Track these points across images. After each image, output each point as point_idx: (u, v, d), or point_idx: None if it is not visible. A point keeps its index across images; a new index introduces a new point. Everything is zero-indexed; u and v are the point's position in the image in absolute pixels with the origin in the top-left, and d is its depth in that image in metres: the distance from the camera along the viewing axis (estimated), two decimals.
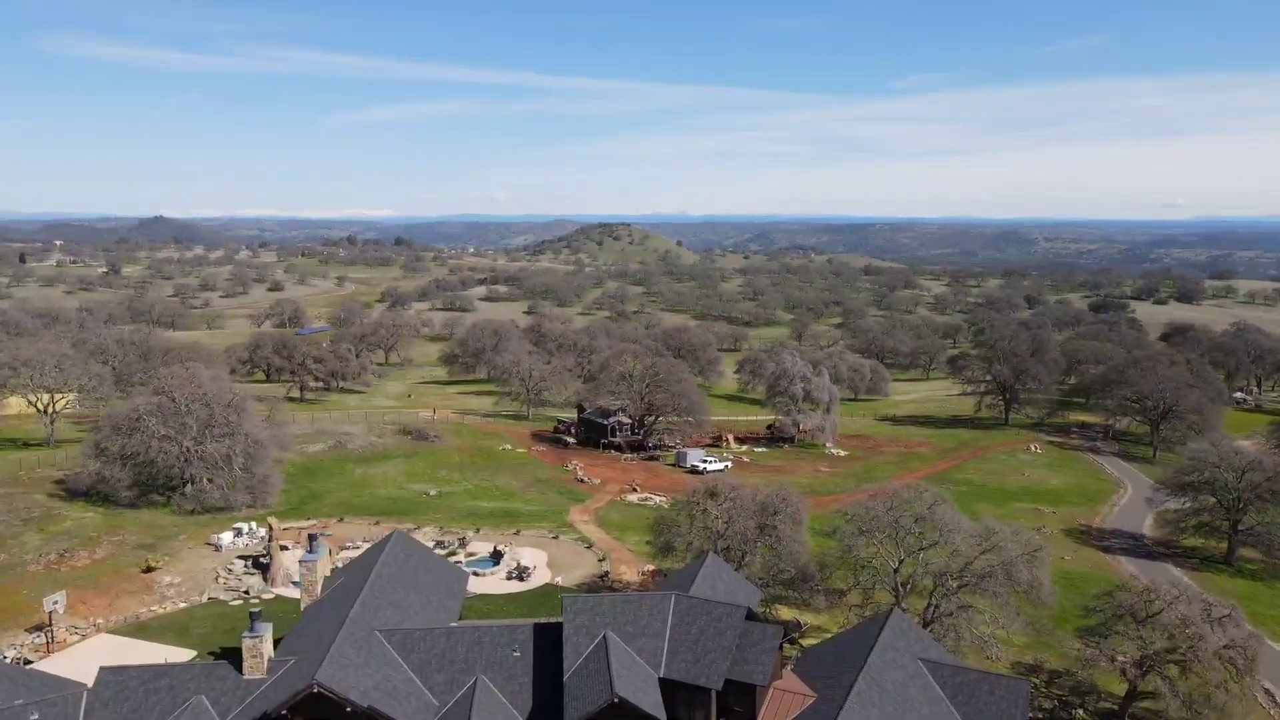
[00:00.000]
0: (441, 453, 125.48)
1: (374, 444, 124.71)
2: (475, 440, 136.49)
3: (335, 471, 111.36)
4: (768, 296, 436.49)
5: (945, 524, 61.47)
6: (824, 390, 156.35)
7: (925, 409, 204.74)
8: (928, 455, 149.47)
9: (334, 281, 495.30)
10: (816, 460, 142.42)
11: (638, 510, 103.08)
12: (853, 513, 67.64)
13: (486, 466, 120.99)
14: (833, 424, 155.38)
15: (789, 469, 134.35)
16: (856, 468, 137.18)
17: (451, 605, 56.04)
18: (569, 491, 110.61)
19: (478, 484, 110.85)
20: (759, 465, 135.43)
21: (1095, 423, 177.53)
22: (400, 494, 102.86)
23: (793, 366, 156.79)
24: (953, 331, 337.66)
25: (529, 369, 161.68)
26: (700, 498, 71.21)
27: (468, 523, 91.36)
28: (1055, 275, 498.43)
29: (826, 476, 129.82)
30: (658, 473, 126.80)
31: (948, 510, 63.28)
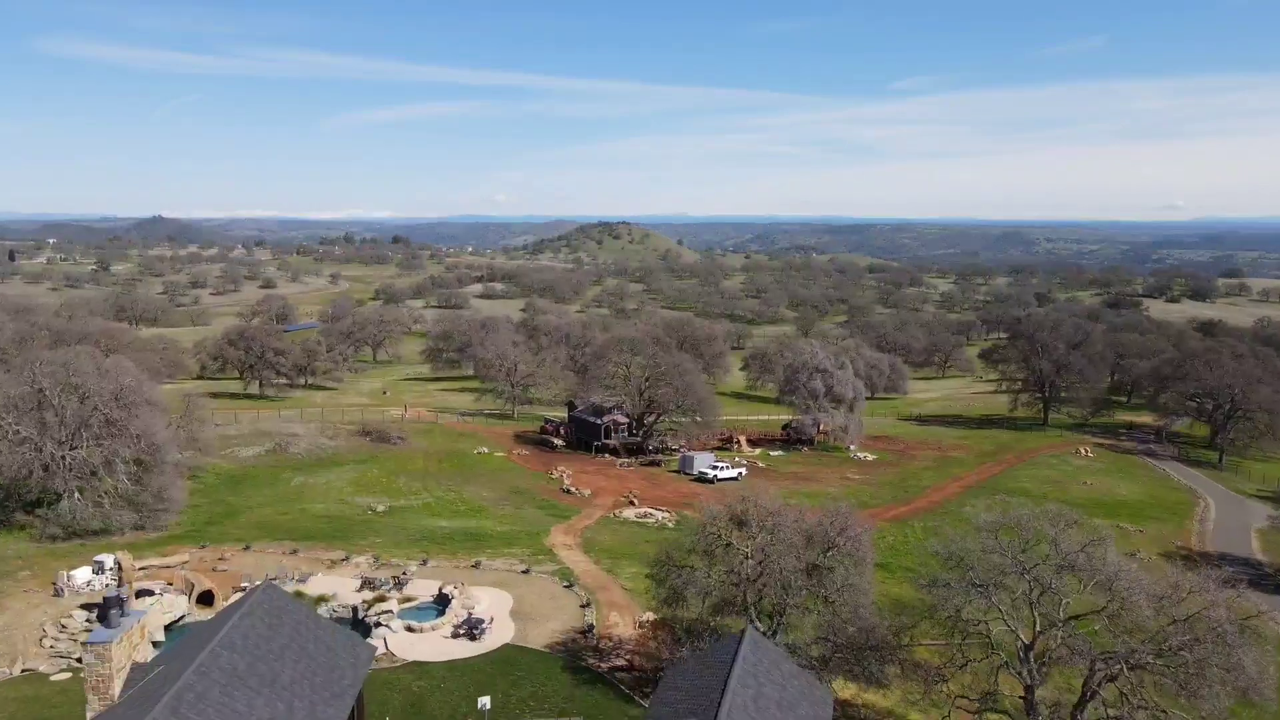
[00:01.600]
0: (404, 457, 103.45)
1: (323, 447, 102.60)
2: (447, 442, 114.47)
3: (268, 481, 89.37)
4: (771, 294, 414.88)
5: (1110, 573, 39.07)
6: (848, 386, 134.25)
7: (950, 407, 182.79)
8: (966, 460, 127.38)
9: (328, 279, 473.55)
10: (842, 466, 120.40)
11: (635, 530, 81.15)
12: (954, 551, 45.23)
13: (455, 474, 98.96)
14: (858, 424, 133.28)
15: (813, 476, 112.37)
16: (889, 475, 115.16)
17: (333, 711, 34.02)
18: (551, 506, 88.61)
19: (441, 496, 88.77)
20: (777, 472, 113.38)
21: (1145, 423, 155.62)
22: (340, 510, 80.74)
23: (812, 359, 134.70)
24: (965, 328, 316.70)
25: (513, 362, 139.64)
26: (721, 527, 49.10)
27: (416, 549, 69.22)
28: (1064, 274, 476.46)
29: (858, 485, 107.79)
30: (659, 481, 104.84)
31: (1109, 552, 40.83)
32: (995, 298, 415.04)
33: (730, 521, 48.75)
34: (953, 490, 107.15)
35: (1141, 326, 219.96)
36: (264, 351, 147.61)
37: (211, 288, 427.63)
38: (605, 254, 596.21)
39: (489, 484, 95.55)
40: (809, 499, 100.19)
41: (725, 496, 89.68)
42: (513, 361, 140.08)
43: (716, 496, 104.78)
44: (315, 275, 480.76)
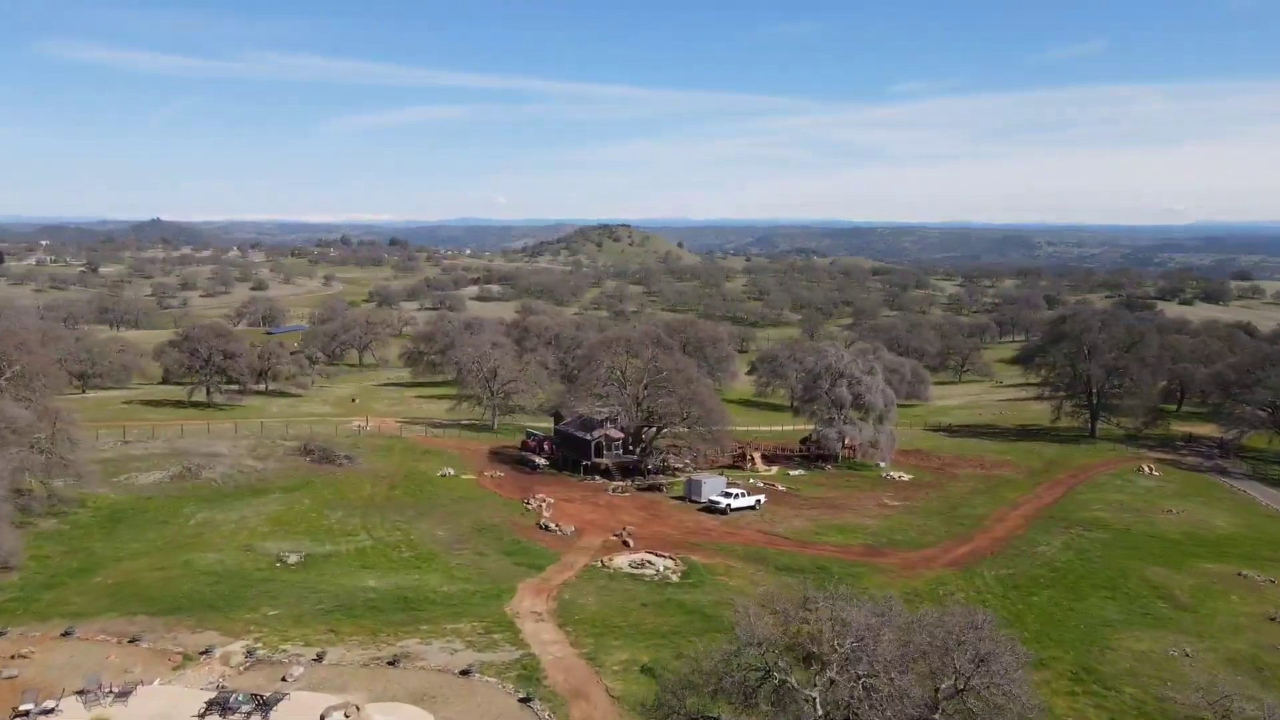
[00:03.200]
0: (347, 482, 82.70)
1: (247, 470, 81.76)
2: (407, 462, 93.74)
3: (161, 518, 68.51)
4: (774, 296, 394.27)
5: None
6: (877, 394, 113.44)
7: (979, 416, 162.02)
8: (1016, 480, 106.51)
9: (321, 281, 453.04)
10: (875, 488, 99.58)
11: (628, 587, 60.35)
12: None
13: (409, 505, 78.18)
14: (889, 438, 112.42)
15: (843, 502, 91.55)
16: (933, 500, 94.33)
17: None
18: (523, 550, 67.73)
19: (382, 537, 67.88)
20: (801, 498, 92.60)
21: (1206, 436, 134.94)
22: (239, 562, 59.75)
23: (836, 362, 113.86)
24: (979, 331, 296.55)
25: (493, 365, 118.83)
26: (773, 654, 28.20)
27: (321, 628, 48.38)
28: (1073, 276, 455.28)
29: (899, 515, 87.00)
30: (660, 511, 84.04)
31: None
32: (1004, 299, 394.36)
33: (786, 652, 27.58)
34: (1015, 521, 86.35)
35: (1190, 328, 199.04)
36: (211, 355, 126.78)
37: (202, 290, 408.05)
38: (605, 257, 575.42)
39: (448, 518, 74.69)
40: (844, 534, 79.42)
41: (742, 533, 69.36)
42: (492, 365, 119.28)
43: (733, 533, 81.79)
44: (308, 277, 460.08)
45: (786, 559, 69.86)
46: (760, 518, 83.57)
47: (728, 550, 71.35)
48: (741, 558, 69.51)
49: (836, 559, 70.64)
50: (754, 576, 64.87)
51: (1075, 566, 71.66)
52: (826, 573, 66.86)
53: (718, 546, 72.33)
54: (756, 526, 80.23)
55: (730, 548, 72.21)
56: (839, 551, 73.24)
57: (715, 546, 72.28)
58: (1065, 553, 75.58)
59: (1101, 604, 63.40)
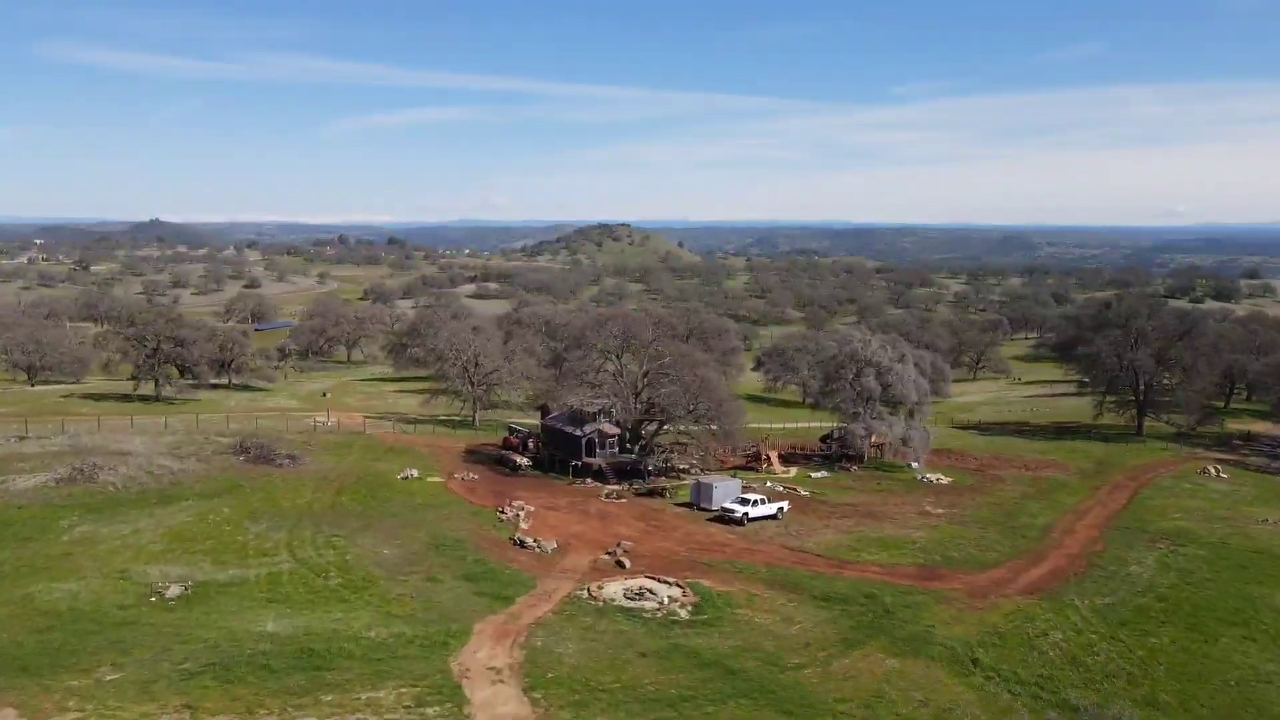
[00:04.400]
0: (284, 486, 67.01)
1: (158, 472, 66.05)
2: (365, 462, 78.09)
3: (26, 532, 52.77)
4: (776, 294, 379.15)
5: None
6: (909, 385, 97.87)
7: (1007, 413, 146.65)
8: (1069, 482, 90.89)
9: (316, 279, 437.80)
10: (912, 493, 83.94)
11: (623, 628, 44.57)
12: None
13: (354, 514, 62.57)
14: (923, 435, 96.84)
15: (878, 509, 75.87)
16: (983, 506, 78.67)
17: None
18: (489, 574, 51.99)
19: (307, 558, 52.18)
20: (828, 504, 76.95)
21: (1264, 434, 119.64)
22: (97, 596, 43.92)
23: (863, 349, 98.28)
24: (991, 327, 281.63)
25: (473, 353, 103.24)
26: None
27: (177, 698, 32.74)
28: (1080, 274, 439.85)
29: (948, 525, 71.30)
30: (663, 521, 68.38)
31: None
32: (1011, 297, 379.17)
33: None
34: (1087, 533, 70.67)
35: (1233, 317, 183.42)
36: (159, 344, 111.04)
37: (194, 288, 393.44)
38: (605, 256, 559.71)
39: (400, 532, 59.05)
40: (887, 549, 63.67)
41: (763, 548, 53.72)
42: (472, 352, 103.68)
43: (752, 548, 62.28)
44: (303, 275, 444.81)
45: (823, 584, 54.26)
46: (784, 529, 67.96)
47: (748, 572, 55.76)
48: (766, 582, 53.90)
49: (885, 584, 55.02)
50: (786, 609, 49.27)
51: (1186, 593, 55.97)
52: (877, 604, 51.37)
53: (735, 567, 56.75)
54: (780, 540, 64.64)
55: (751, 569, 56.62)
56: (886, 573, 57.62)
57: (732, 567, 56.70)
58: (1165, 574, 59.89)
59: (1241, 647, 47.77)
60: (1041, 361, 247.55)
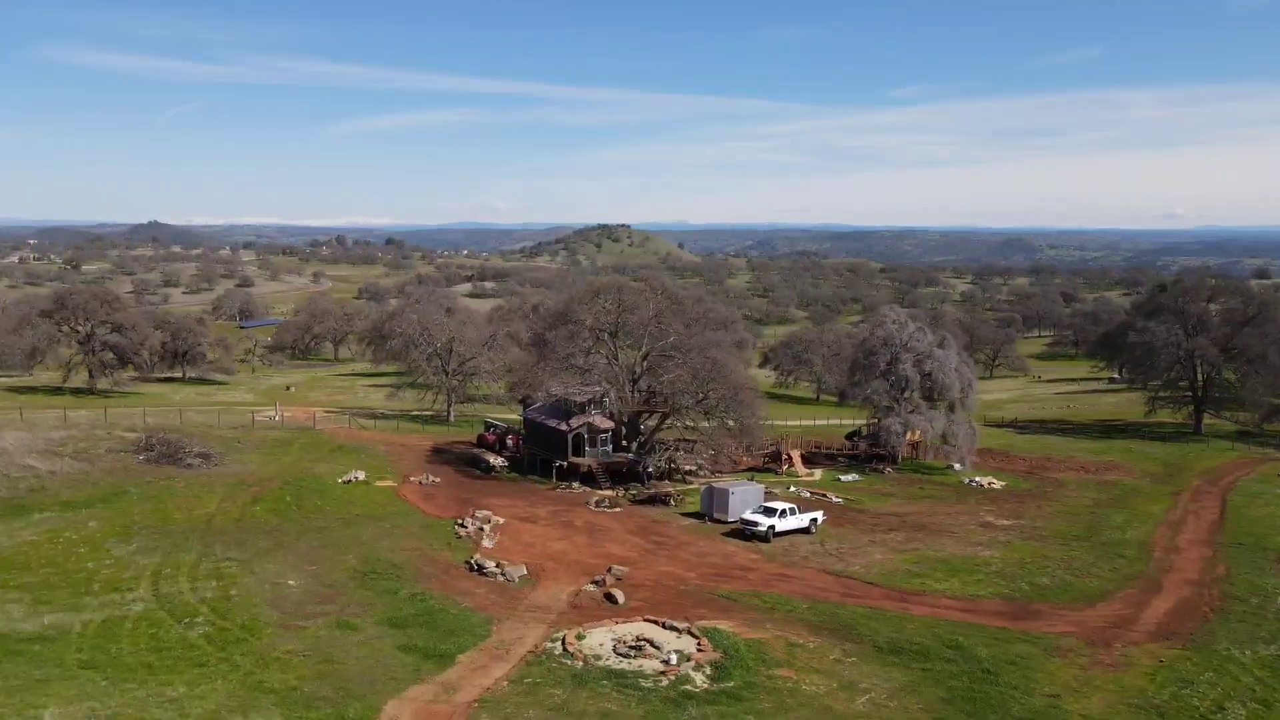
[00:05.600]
0: (186, 493, 51.85)
1: (20, 475, 50.91)
2: (301, 463, 62.84)
3: None
4: (779, 292, 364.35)
5: None
6: (950, 373, 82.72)
7: (1039, 410, 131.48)
8: (1140, 487, 75.66)
9: (310, 278, 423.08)
10: (963, 500, 68.70)
11: (611, 712, 29.18)
12: None
13: (268, 529, 47.41)
14: (969, 432, 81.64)
15: (931, 521, 60.55)
16: (1053, 515, 63.42)
17: None
18: (426, 614, 36.72)
19: (176, 593, 36.98)
20: (868, 514, 61.75)
21: None
22: None
23: (899, 331, 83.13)
24: (1005, 324, 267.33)
25: (447, 338, 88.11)
26: None
27: None
28: (1087, 274, 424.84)
29: (1019, 540, 55.96)
30: (668, 536, 53.06)
31: None
32: (1019, 296, 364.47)
33: None
34: (1195, 550, 55.41)
35: None
36: (93, 330, 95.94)
37: (185, 286, 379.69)
38: (605, 257, 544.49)
39: (320, 553, 43.85)
40: (957, 574, 48.15)
41: (799, 574, 38.11)
42: (446, 337, 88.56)
43: (785, 574, 43.21)
44: (297, 274, 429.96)
45: (888, 627, 39.06)
46: (820, 546, 52.78)
47: (784, 610, 40.57)
48: (811, 625, 38.72)
49: (970, 626, 39.83)
50: (844, 669, 34.07)
51: None
52: (969, 659, 36.26)
53: (765, 602, 41.58)
54: (819, 562, 49.48)
55: (787, 604, 41.44)
56: (966, 609, 42.42)
57: (761, 602, 41.52)
58: None
59: None
60: (1058, 359, 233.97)
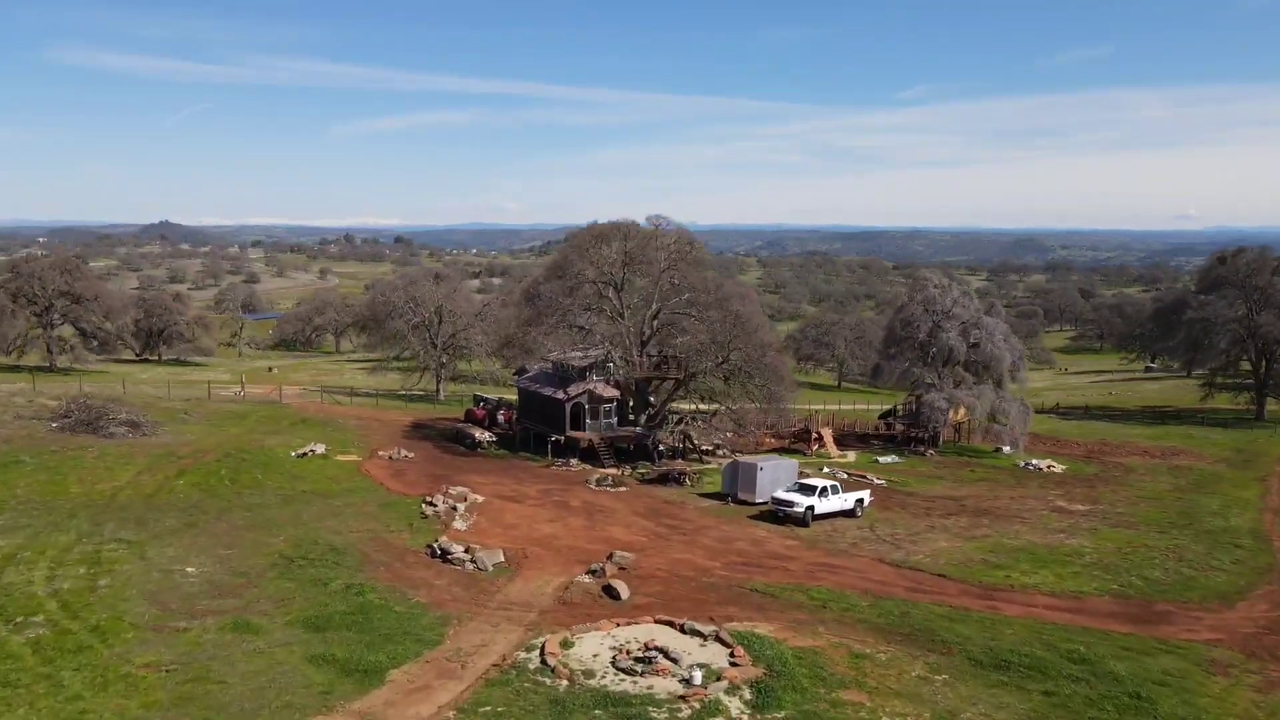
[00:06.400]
0: (92, 466, 42.27)
1: None
2: (251, 435, 53.08)
3: None
4: (791, 289, 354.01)
5: None
6: (1000, 343, 72.50)
7: (1079, 397, 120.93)
8: (1222, 474, 65.11)
9: (317, 274, 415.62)
10: (1024, 483, 58.40)
11: None
12: None
13: (181, 506, 37.70)
14: (1021, 410, 71.35)
15: (994, 506, 50.22)
16: (1135, 501, 53.02)
17: None
18: (361, 612, 26.88)
19: (22, 584, 27.24)
20: (918, 497, 51.59)
21: None
22: None
23: (942, 296, 72.95)
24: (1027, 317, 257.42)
25: (433, 309, 78.45)
26: None
27: None
28: (1104, 271, 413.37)
29: (1105, 528, 45.54)
30: (682, 519, 43.01)
31: None
32: (1036, 292, 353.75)
33: None
34: None
35: None
36: (51, 302, 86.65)
37: (190, 283, 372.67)
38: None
39: (243, 534, 34.06)
40: (1046, 565, 37.27)
41: (848, 562, 28.61)
42: (432, 309, 78.87)
43: (831, 563, 30.19)
44: (304, 271, 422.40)
45: (980, 633, 28.91)
46: (869, 531, 42.71)
47: (838, 608, 30.50)
48: (877, 629, 28.64)
49: (1087, 631, 29.66)
50: (933, 691, 23.98)
51: None
52: (1101, 675, 26.13)
53: (812, 598, 31.48)
54: (872, 549, 39.38)
55: (841, 601, 31.35)
56: (1071, 609, 32.24)
57: (807, 599, 31.42)
58: None
59: None
60: (1083, 353, 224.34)
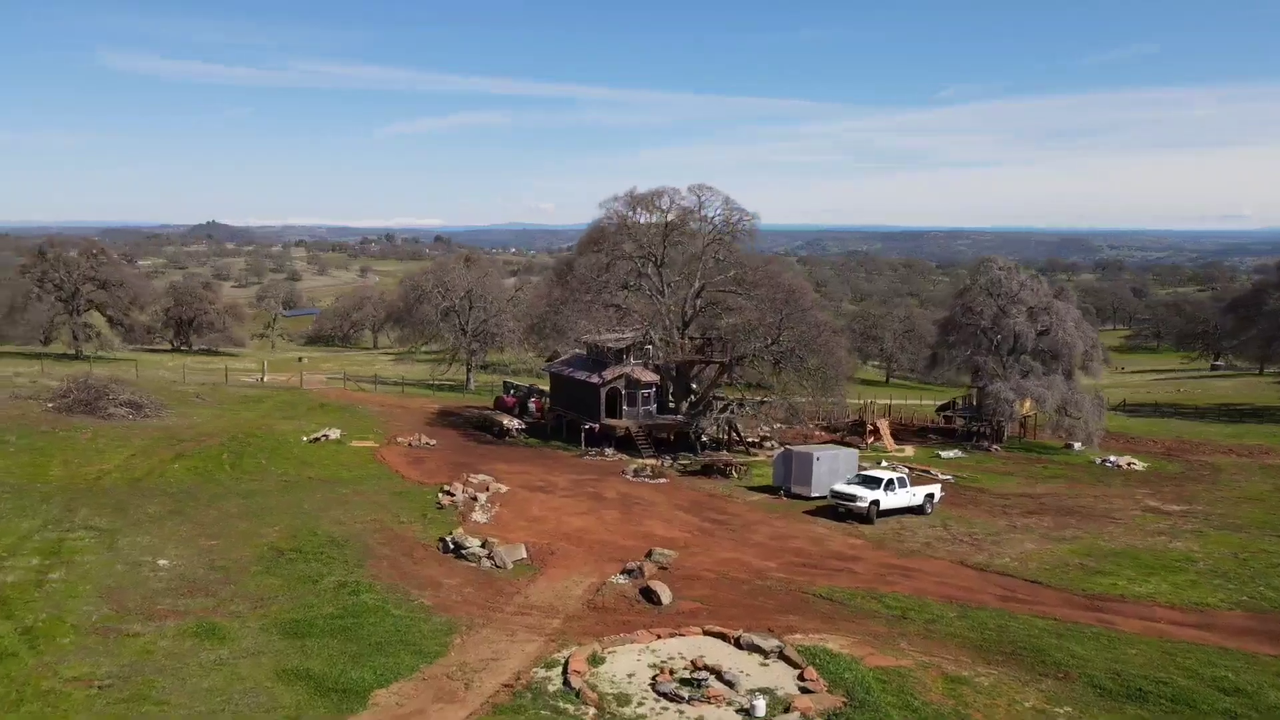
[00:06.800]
0: (81, 448, 38.59)
1: None
2: (261, 419, 49.18)
3: None
4: (832, 287, 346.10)
5: None
6: (1071, 330, 66.53)
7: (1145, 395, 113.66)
8: None
9: (356, 273, 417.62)
10: (1104, 481, 52.45)
11: None
12: None
13: (171, 492, 33.68)
14: (1096, 403, 65.28)
15: (1079, 506, 44.45)
16: (1234, 501, 46.80)
17: None
18: (353, 615, 22.39)
19: None
20: (991, 494, 46.02)
21: None
22: None
23: (1008, 279, 67.19)
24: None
25: (464, 293, 74.47)
26: None
27: None
28: (1157, 270, 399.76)
29: (1212, 531, 39.56)
30: (730, 513, 38.05)
31: None
32: (1087, 291, 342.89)
33: None
34: None
35: None
36: (77, 288, 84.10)
37: (234, 280, 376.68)
38: None
39: (235, 523, 29.88)
40: (1156, 573, 31.20)
41: (921, 566, 23.35)
42: (462, 293, 74.88)
43: (905, 566, 27.35)
44: (344, 269, 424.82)
45: (1098, 653, 23.63)
46: (943, 529, 37.47)
47: (921, 618, 25.42)
48: (972, 646, 23.49)
49: (1228, 653, 24.25)
50: None
51: None
52: (1266, 711, 21.12)
53: (889, 607, 26.41)
54: (949, 550, 34.16)
55: (924, 610, 26.24)
56: (1201, 625, 26.74)
57: (883, 608, 26.35)
58: None
59: None
60: (1138, 352, 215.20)
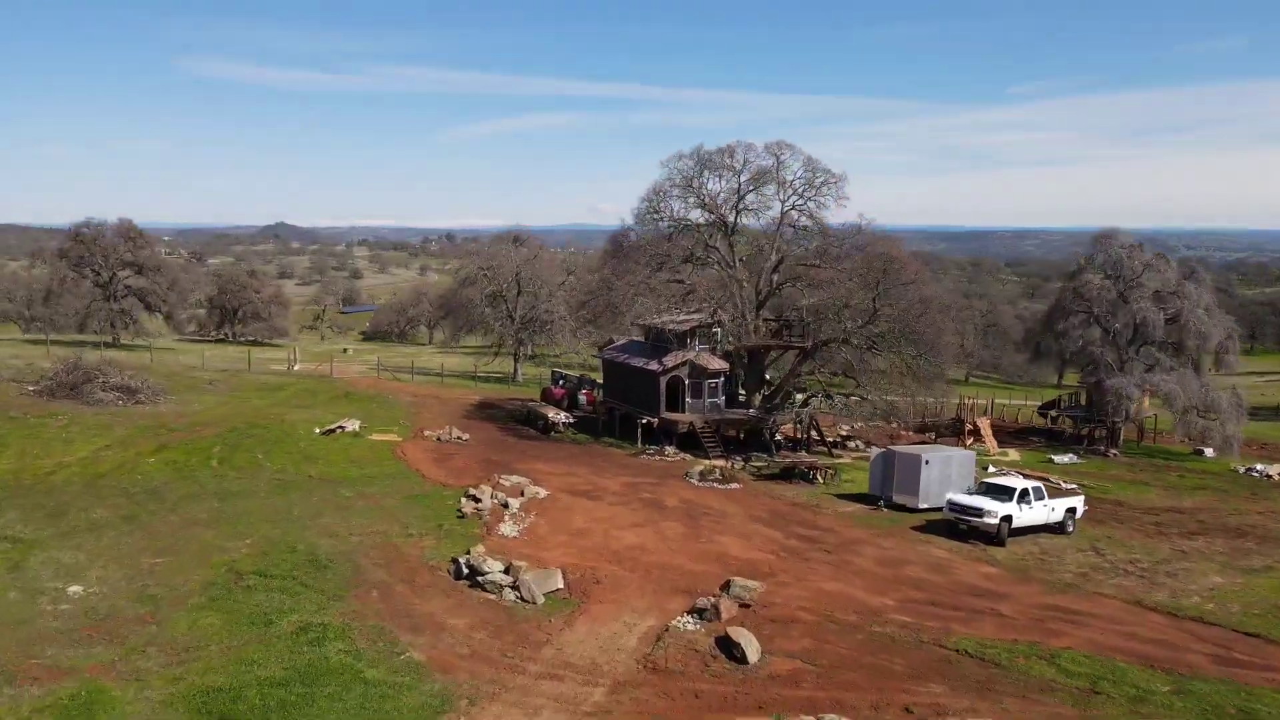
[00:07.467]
0: (45, 437, 32.74)
1: None
2: (273, 409, 43.01)
3: None
4: None
5: None
6: (1203, 320, 57.14)
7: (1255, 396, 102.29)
8: None
9: (417, 271, 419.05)
10: (1268, 494, 43.37)
11: None
12: None
13: (133, 491, 27.33)
14: (1234, 402, 55.74)
15: (1251, 524, 35.60)
16: None
17: None
18: (312, 674, 15.55)
19: None
20: (1128, 507, 37.38)
21: None
22: None
23: (1132, 259, 58.04)
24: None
25: (514, 278, 67.98)
26: None
27: None
28: (1243, 269, 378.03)
29: None
30: (820, 530, 30.31)
31: None
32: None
33: None
34: None
35: None
36: (113, 276, 79.70)
37: (298, 278, 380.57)
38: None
39: (197, 533, 23.34)
40: None
41: (1087, 606, 19.61)
42: (510, 276, 68.38)
43: (1070, 609, 21.48)
44: (405, 268, 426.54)
45: None
46: (1096, 555, 29.23)
47: (1117, 693, 17.49)
48: None
49: None
50: None
51: None
52: None
53: (1066, 671, 18.54)
54: (1117, 585, 25.99)
55: (1116, 676, 18.30)
56: None
57: (1056, 670, 18.48)
58: None
59: None
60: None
